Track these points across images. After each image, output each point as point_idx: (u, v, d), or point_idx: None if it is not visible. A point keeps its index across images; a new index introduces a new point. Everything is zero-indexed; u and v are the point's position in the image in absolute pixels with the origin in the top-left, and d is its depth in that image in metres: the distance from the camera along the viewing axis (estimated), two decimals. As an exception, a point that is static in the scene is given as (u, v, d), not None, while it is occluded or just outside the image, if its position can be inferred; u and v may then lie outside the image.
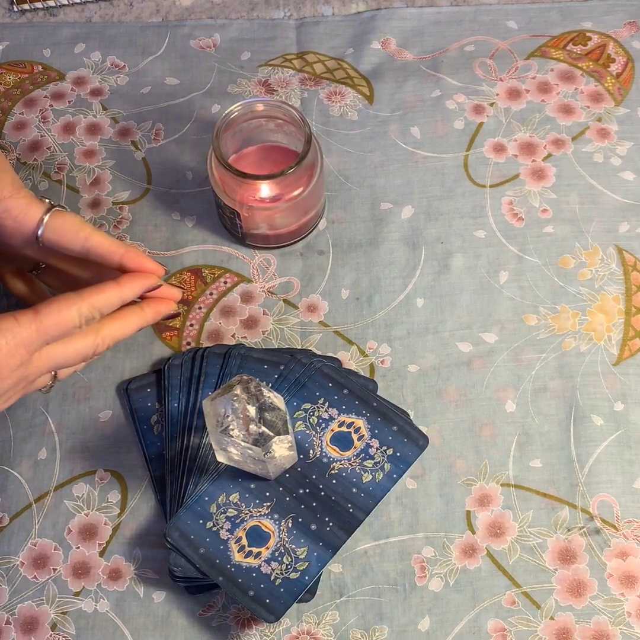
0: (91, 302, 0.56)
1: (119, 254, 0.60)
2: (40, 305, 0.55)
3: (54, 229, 0.59)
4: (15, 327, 0.53)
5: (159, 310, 0.62)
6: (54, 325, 0.55)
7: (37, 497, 0.66)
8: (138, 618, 0.63)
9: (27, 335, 0.54)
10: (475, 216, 0.74)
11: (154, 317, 0.62)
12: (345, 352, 0.70)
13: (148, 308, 0.61)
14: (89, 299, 0.56)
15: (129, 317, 0.60)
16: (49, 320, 0.54)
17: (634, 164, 0.76)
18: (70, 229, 0.59)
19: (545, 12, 0.82)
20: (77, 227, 0.59)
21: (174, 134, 0.78)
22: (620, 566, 0.63)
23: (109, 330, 0.59)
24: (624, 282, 0.72)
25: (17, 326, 0.53)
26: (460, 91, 0.79)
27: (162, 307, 0.63)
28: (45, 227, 0.59)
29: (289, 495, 0.63)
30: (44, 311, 0.54)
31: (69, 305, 0.55)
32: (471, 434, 0.67)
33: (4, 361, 0.53)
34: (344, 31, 0.82)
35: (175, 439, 0.65)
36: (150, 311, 0.62)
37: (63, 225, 0.59)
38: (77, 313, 0.56)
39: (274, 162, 0.72)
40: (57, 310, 0.55)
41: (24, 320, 0.54)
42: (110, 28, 0.82)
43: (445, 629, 0.62)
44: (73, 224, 0.59)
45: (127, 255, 0.60)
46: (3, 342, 0.53)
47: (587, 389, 0.68)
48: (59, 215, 0.59)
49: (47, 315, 0.54)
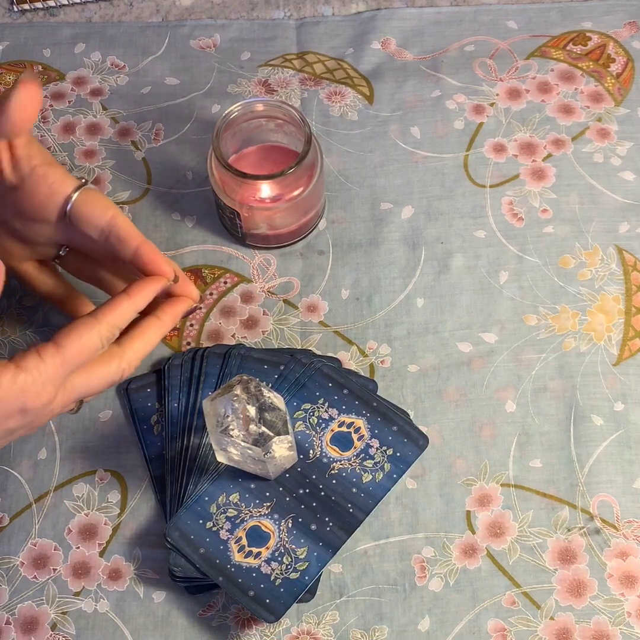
0: (109, 322, 0.56)
1: (137, 242, 0.59)
2: (60, 337, 0.54)
3: (83, 202, 0.58)
4: (40, 365, 0.52)
5: (177, 313, 0.61)
6: (77, 354, 0.54)
7: (37, 497, 0.66)
8: (138, 618, 0.63)
9: (53, 371, 0.53)
10: (475, 216, 0.74)
11: (173, 321, 0.61)
12: (345, 352, 0.70)
13: (165, 315, 0.60)
14: (106, 319, 0.56)
15: (148, 333, 0.59)
16: (72, 351, 0.54)
17: (634, 164, 0.76)
18: (99, 205, 0.59)
19: (545, 12, 0.82)
20: (106, 204, 0.59)
21: (174, 134, 0.78)
22: (620, 566, 0.64)
23: (132, 353, 0.58)
24: (624, 282, 0.72)
25: (42, 363, 0.52)
26: (460, 91, 0.79)
27: (179, 308, 0.61)
28: (75, 199, 0.58)
29: (289, 495, 0.63)
30: (65, 343, 0.54)
31: (88, 331, 0.54)
32: (471, 434, 0.67)
33: (30, 401, 0.52)
34: (344, 31, 0.82)
35: (175, 439, 0.65)
36: (168, 317, 0.60)
37: (93, 200, 0.59)
38: (98, 337, 0.55)
39: (274, 162, 0.72)
40: (78, 338, 0.54)
41: (47, 355, 0.53)
42: (110, 28, 0.82)
43: (445, 629, 0.62)
44: (103, 201, 0.59)
45: (143, 246, 0.59)
46: (30, 380, 0.52)
47: (587, 389, 0.68)
48: (90, 191, 0.59)
49: (69, 346, 0.54)
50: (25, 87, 0.57)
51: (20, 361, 0.52)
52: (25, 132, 0.58)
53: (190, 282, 0.62)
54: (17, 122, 0.57)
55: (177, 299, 0.62)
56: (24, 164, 0.59)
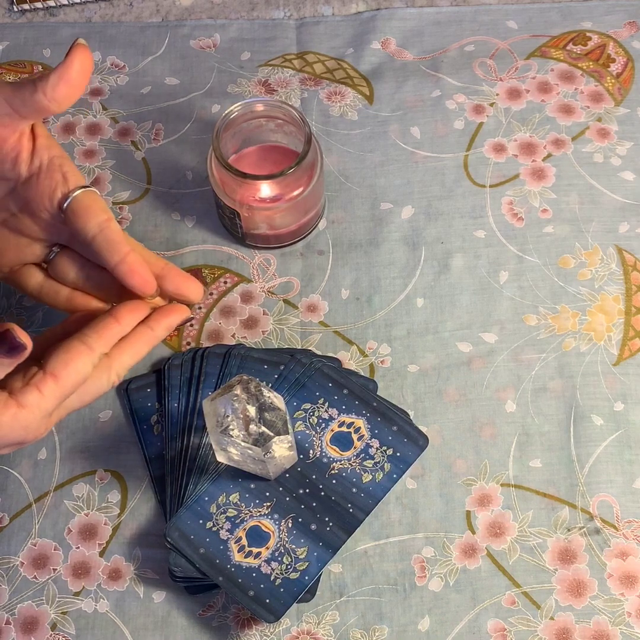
0: (100, 350, 0.56)
1: (124, 252, 0.58)
2: (56, 369, 0.54)
3: (82, 200, 0.58)
4: (41, 402, 0.53)
5: (170, 324, 0.60)
6: (74, 384, 0.55)
7: (37, 497, 0.66)
8: (138, 618, 0.63)
9: (52, 405, 0.54)
10: (475, 216, 0.74)
11: (166, 332, 0.60)
12: (345, 352, 0.70)
13: (158, 326, 0.59)
14: (97, 347, 0.56)
15: (138, 344, 0.59)
16: (70, 382, 0.54)
17: (634, 164, 0.76)
18: (97, 207, 0.58)
19: (545, 12, 0.82)
20: (104, 208, 0.59)
21: (174, 134, 0.78)
22: (620, 566, 0.64)
23: (120, 364, 0.58)
24: (624, 282, 0.72)
25: (43, 400, 0.53)
26: (460, 91, 0.79)
27: (172, 319, 0.60)
28: (80, 193, 0.58)
29: (289, 495, 0.63)
30: (62, 375, 0.54)
31: (84, 361, 0.55)
32: (471, 434, 0.67)
33: (30, 435, 0.54)
34: (344, 31, 0.82)
35: (175, 439, 0.65)
36: (161, 329, 0.59)
37: (92, 202, 0.58)
38: (92, 365, 0.56)
39: (274, 162, 0.72)
40: (75, 371, 0.54)
41: (47, 390, 0.53)
42: (110, 28, 0.82)
43: (445, 629, 0.62)
44: (101, 204, 0.59)
45: (129, 256, 0.58)
46: (31, 417, 0.53)
47: (587, 389, 0.68)
48: (92, 193, 0.59)
49: (67, 378, 0.54)
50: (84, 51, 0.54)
51: (21, 398, 0.53)
52: (68, 105, 0.56)
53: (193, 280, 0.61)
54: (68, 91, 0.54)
55: (172, 309, 0.60)
56: (44, 153, 0.58)
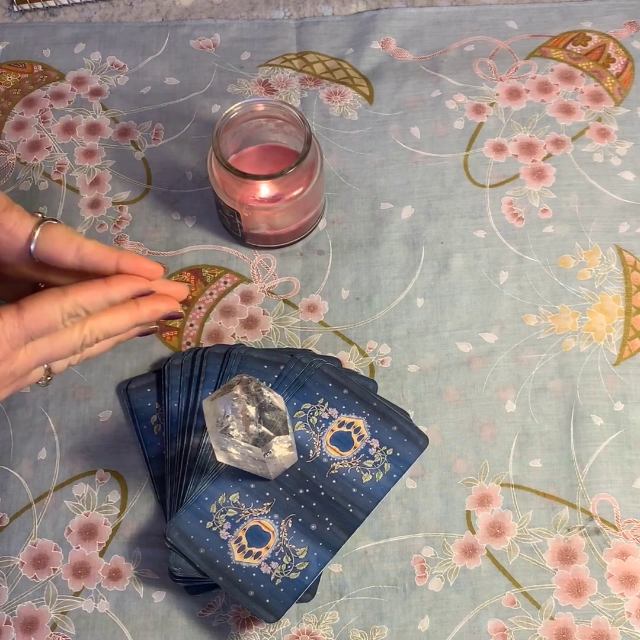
0: (75, 299, 0.56)
1: (114, 259, 0.59)
2: (24, 301, 0.55)
3: (45, 240, 0.58)
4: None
5: (157, 309, 0.61)
6: (36, 320, 0.55)
7: (37, 497, 0.66)
8: (138, 618, 0.63)
9: (10, 330, 0.54)
10: (475, 216, 0.74)
11: (150, 314, 0.60)
12: (345, 352, 0.70)
13: (145, 305, 0.60)
14: (73, 296, 0.56)
15: (119, 312, 0.59)
16: (31, 316, 0.55)
17: (634, 164, 0.76)
18: (61, 239, 0.58)
19: (545, 12, 0.82)
20: (68, 237, 0.58)
21: (174, 134, 0.78)
22: (620, 566, 0.63)
23: (97, 323, 0.58)
24: (624, 282, 0.72)
25: (0, 321, 0.54)
26: (460, 91, 0.79)
27: (160, 304, 0.61)
28: (37, 239, 0.58)
29: (289, 495, 0.63)
30: (26, 307, 0.55)
31: (51, 302, 0.55)
32: (471, 434, 0.67)
33: None
34: (344, 31, 0.82)
35: (175, 439, 0.65)
36: (147, 308, 0.60)
37: (54, 236, 0.58)
38: (60, 309, 0.56)
39: (274, 162, 0.72)
40: (40, 306, 0.55)
41: (6, 315, 0.54)
42: (110, 28, 0.82)
43: (445, 629, 0.62)
44: (64, 234, 0.58)
45: (122, 259, 0.59)
46: None
47: (587, 389, 0.68)
48: (50, 227, 0.58)
49: (30, 311, 0.55)
50: None
51: None
52: None
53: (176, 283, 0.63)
54: None
55: (162, 296, 0.61)
56: None
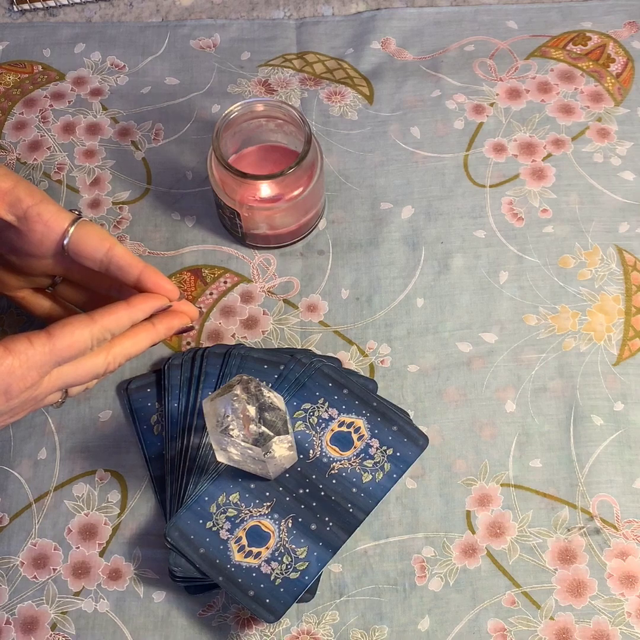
0: (103, 324, 0.57)
1: (138, 269, 0.60)
2: (53, 328, 0.55)
3: (80, 235, 0.60)
4: (29, 350, 0.54)
5: (172, 326, 0.62)
6: (66, 347, 0.55)
7: (37, 497, 0.66)
8: (138, 618, 0.63)
9: (40, 358, 0.54)
10: (475, 216, 0.74)
11: (166, 332, 0.62)
12: (345, 352, 0.70)
13: (160, 324, 0.62)
14: (101, 321, 0.57)
15: (140, 335, 0.60)
16: (62, 343, 0.55)
17: (634, 164, 0.76)
18: (95, 237, 0.60)
19: (545, 12, 0.82)
20: (102, 236, 0.60)
21: (174, 134, 0.78)
22: (620, 566, 0.64)
23: (120, 348, 0.59)
24: (624, 282, 0.72)
25: (31, 349, 0.54)
26: (460, 91, 0.79)
27: (174, 321, 0.63)
28: (72, 234, 0.59)
29: (289, 495, 0.63)
30: (57, 334, 0.55)
31: (81, 328, 0.56)
32: (471, 434, 0.67)
33: (15, 384, 0.54)
34: (344, 31, 0.82)
35: (175, 439, 0.65)
36: (162, 327, 0.62)
37: (89, 233, 0.60)
38: (90, 335, 0.56)
39: (274, 162, 0.72)
40: (70, 333, 0.55)
41: (38, 343, 0.54)
42: (110, 28, 0.82)
43: (445, 629, 0.62)
44: (99, 233, 0.60)
45: (145, 271, 0.60)
46: (17, 364, 0.53)
47: (587, 389, 0.68)
48: (85, 224, 0.60)
49: (61, 338, 0.55)
50: None
51: (9, 344, 0.54)
52: None
53: (189, 303, 0.64)
54: None
55: (175, 313, 0.63)
56: (16, 207, 0.59)
